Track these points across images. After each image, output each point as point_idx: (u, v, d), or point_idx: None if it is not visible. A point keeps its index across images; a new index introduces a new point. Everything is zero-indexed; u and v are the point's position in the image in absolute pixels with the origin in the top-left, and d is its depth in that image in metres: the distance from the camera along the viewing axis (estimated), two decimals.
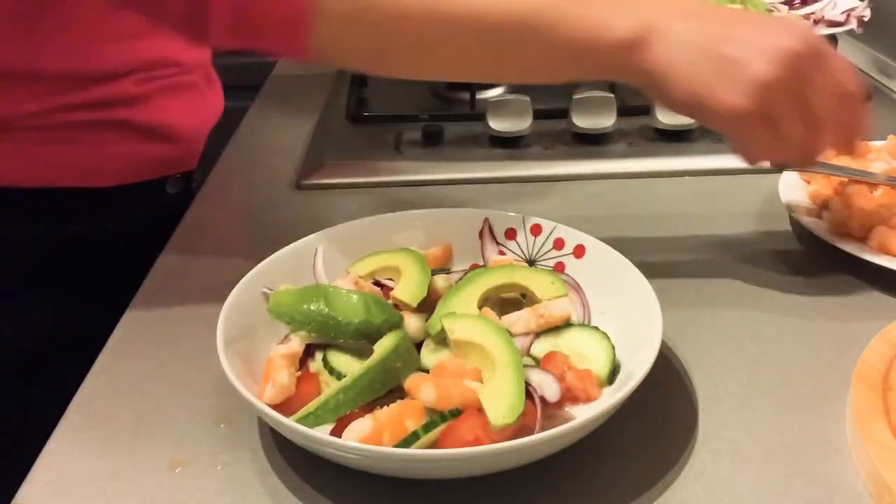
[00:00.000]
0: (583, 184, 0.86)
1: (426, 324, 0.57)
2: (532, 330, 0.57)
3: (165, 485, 0.50)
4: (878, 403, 0.52)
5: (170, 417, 0.55)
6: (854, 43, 1.21)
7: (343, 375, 0.53)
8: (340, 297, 0.56)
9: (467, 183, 0.87)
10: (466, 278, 0.60)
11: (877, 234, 0.68)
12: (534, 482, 0.50)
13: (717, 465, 0.51)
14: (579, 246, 0.64)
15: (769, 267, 0.70)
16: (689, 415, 0.55)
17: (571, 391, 0.52)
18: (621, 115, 0.93)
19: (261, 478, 0.51)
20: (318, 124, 1.01)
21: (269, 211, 0.83)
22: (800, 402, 0.55)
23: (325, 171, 0.89)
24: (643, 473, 0.50)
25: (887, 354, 0.55)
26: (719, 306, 0.65)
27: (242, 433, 0.54)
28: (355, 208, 0.81)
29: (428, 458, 0.47)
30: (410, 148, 0.94)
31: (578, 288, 0.62)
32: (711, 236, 0.75)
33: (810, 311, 0.65)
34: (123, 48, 0.78)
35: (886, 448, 0.48)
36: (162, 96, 0.83)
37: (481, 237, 0.66)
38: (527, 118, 0.92)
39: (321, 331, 0.55)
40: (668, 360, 0.59)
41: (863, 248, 0.68)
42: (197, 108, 0.90)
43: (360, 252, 0.65)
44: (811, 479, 0.49)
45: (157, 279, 0.71)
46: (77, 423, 0.55)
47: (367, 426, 0.48)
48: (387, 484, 0.49)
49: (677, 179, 0.86)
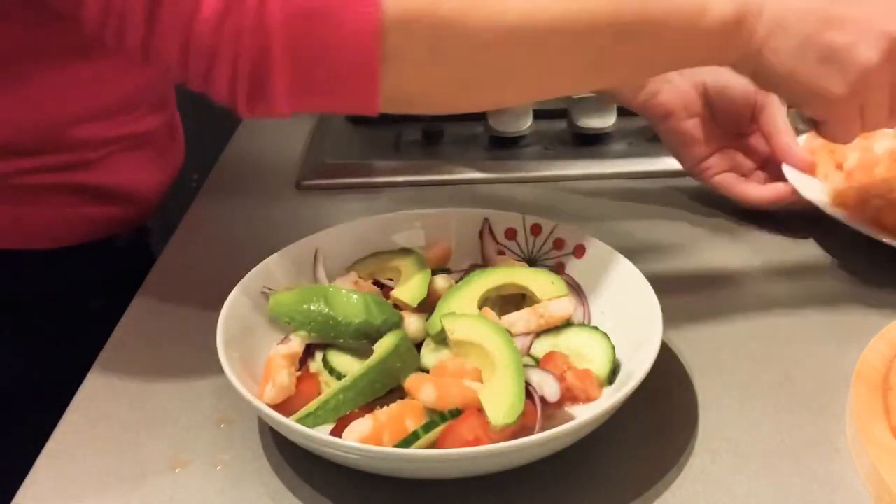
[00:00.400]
0: (583, 184, 0.86)
1: (426, 324, 0.57)
2: (532, 330, 0.57)
3: (165, 485, 0.50)
4: (878, 403, 0.52)
5: (170, 417, 0.55)
6: None
7: (343, 375, 0.53)
8: (340, 297, 0.56)
9: (467, 183, 0.87)
10: (466, 278, 0.60)
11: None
12: (534, 482, 0.49)
13: (717, 465, 0.51)
14: (579, 246, 0.64)
15: (769, 267, 0.70)
16: (689, 415, 0.55)
17: (571, 391, 0.52)
18: (621, 115, 0.93)
19: (261, 478, 0.51)
20: (318, 124, 1.01)
21: (269, 211, 0.83)
22: (800, 402, 0.55)
23: (325, 172, 0.89)
24: (643, 473, 0.50)
25: (887, 354, 0.55)
26: (719, 306, 0.65)
27: (242, 433, 0.54)
28: (355, 208, 0.81)
29: (428, 458, 0.47)
30: (410, 148, 0.94)
31: (578, 288, 0.62)
32: (711, 236, 0.75)
33: (811, 311, 0.65)
34: (89, 92, 0.69)
35: (886, 448, 0.48)
36: (122, 153, 0.74)
37: (481, 237, 0.66)
38: (527, 118, 0.92)
39: (321, 331, 0.55)
40: (668, 360, 0.59)
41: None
42: (156, 165, 0.80)
43: (360, 252, 0.65)
44: (811, 479, 0.49)
45: (158, 279, 0.71)
46: (77, 423, 0.55)
47: (367, 426, 0.48)
48: (387, 484, 0.49)
49: (677, 179, 0.86)
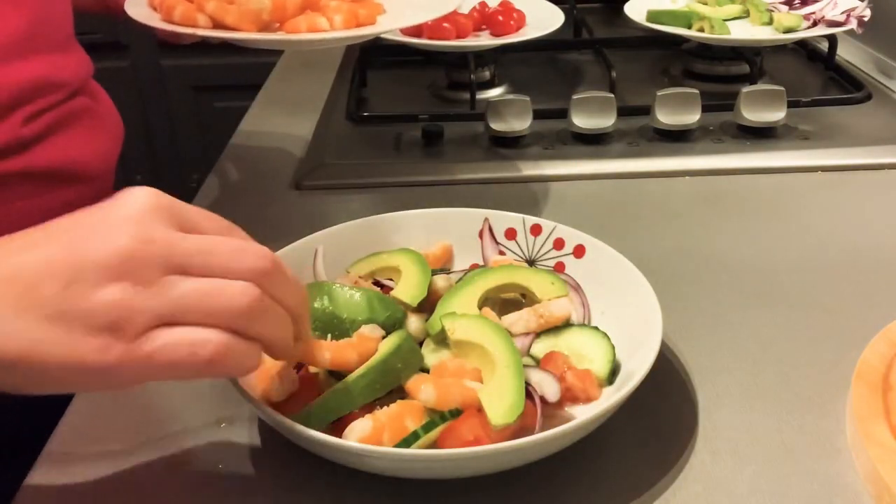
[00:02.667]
0: (583, 184, 0.86)
1: (426, 324, 0.57)
2: (532, 330, 0.57)
3: (166, 485, 0.50)
4: (878, 403, 0.52)
5: (170, 417, 0.55)
6: (854, 43, 1.21)
7: (343, 375, 0.53)
8: (343, 294, 0.56)
9: (467, 183, 0.87)
10: (466, 278, 0.60)
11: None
12: (534, 482, 0.50)
13: (717, 465, 0.51)
14: (579, 246, 0.64)
15: (769, 267, 0.70)
16: (689, 415, 0.55)
17: (571, 391, 0.52)
18: (621, 115, 0.93)
19: (261, 478, 0.51)
20: (318, 124, 1.01)
21: (269, 211, 0.83)
22: (800, 402, 0.55)
23: (325, 171, 0.89)
24: (643, 473, 0.50)
25: (887, 354, 0.55)
26: (719, 306, 0.65)
27: (242, 433, 0.54)
28: (355, 208, 0.81)
29: (428, 458, 0.47)
30: (410, 148, 0.94)
31: (578, 288, 0.62)
32: (711, 236, 0.75)
33: (810, 311, 0.65)
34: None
35: (886, 448, 0.48)
36: (59, 131, 0.72)
37: (481, 237, 0.66)
38: (527, 118, 0.92)
39: (325, 329, 0.55)
40: (668, 360, 0.59)
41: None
42: (97, 133, 0.78)
43: (360, 252, 0.65)
44: (811, 479, 0.49)
45: None
46: (77, 424, 0.55)
47: (367, 426, 0.48)
48: (387, 484, 0.49)
49: (677, 179, 0.86)
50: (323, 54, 1.26)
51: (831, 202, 0.81)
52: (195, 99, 2.08)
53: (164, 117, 2.10)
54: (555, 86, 1.13)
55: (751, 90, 0.93)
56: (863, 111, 1.01)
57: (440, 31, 1.05)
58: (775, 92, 0.92)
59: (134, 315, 0.40)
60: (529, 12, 1.12)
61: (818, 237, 0.75)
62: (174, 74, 2.05)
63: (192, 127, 2.11)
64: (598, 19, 1.35)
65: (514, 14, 1.10)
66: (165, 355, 0.40)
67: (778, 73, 1.14)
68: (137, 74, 2.06)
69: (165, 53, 2.02)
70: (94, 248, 0.40)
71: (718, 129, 0.95)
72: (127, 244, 0.40)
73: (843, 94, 1.05)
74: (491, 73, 1.11)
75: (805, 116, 0.97)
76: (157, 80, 2.07)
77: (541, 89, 1.07)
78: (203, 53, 1.92)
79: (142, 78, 2.06)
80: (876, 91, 1.05)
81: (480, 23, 1.11)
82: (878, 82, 1.09)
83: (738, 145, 0.91)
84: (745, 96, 0.92)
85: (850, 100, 1.03)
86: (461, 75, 1.08)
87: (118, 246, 0.40)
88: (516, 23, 1.09)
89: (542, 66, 1.20)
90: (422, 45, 1.06)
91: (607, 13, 1.40)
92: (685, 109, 0.92)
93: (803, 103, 1.00)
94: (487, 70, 1.10)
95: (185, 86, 2.06)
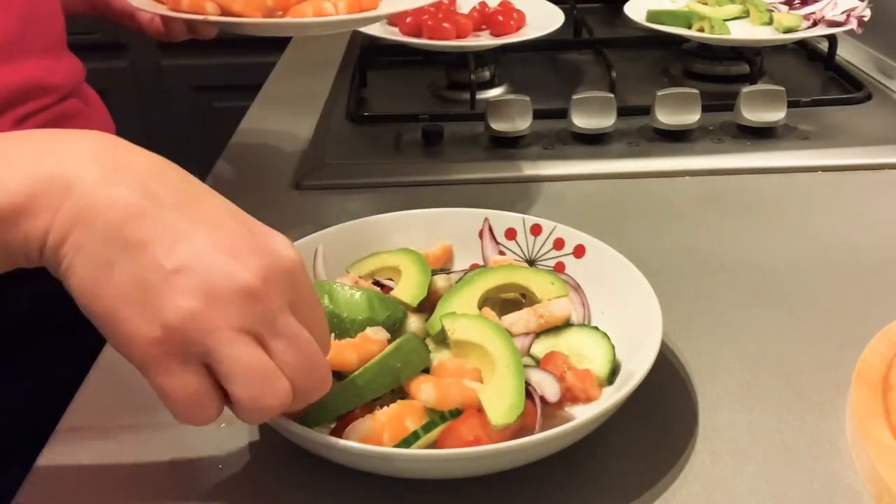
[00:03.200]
0: (583, 184, 0.86)
1: (426, 324, 0.57)
2: (532, 330, 0.57)
3: (166, 485, 0.50)
4: (878, 403, 0.52)
5: (170, 417, 0.55)
6: (854, 43, 1.21)
7: (343, 375, 0.53)
8: (344, 294, 0.56)
9: (467, 183, 0.87)
10: (466, 278, 0.60)
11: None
12: (534, 482, 0.49)
13: (717, 465, 0.51)
14: (579, 246, 0.64)
15: (769, 267, 0.70)
16: (689, 415, 0.55)
17: (571, 391, 0.52)
18: (621, 115, 0.93)
19: (261, 478, 0.51)
20: (318, 124, 1.01)
21: (269, 211, 0.83)
22: (800, 402, 0.55)
23: (325, 171, 0.89)
24: (643, 473, 0.50)
25: (887, 354, 0.55)
26: (719, 306, 0.65)
27: (242, 433, 0.54)
28: (355, 208, 0.81)
29: (428, 458, 0.47)
30: (410, 148, 0.94)
31: (578, 288, 0.62)
32: (711, 236, 0.75)
33: (810, 311, 0.65)
34: None
35: (886, 448, 0.48)
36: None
37: (481, 237, 0.66)
38: (527, 118, 0.92)
39: None
40: (668, 360, 0.59)
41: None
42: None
43: (360, 252, 0.65)
44: (811, 479, 0.49)
45: None
46: (77, 423, 0.55)
47: (367, 426, 0.48)
48: (387, 484, 0.49)
49: (677, 179, 0.86)
50: (325, 51, 1.26)
51: (831, 202, 0.81)
52: (195, 99, 2.08)
53: (163, 117, 2.10)
54: (555, 86, 1.13)
55: (751, 90, 0.93)
56: (863, 111, 1.01)
57: (440, 31, 1.05)
58: (775, 92, 0.92)
59: (191, 336, 0.39)
60: (529, 12, 1.12)
61: (818, 237, 0.75)
62: (174, 74, 2.05)
63: (191, 127, 2.11)
64: (598, 19, 1.35)
65: (514, 14, 1.10)
66: (169, 395, 0.41)
67: (778, 73, 1.14)
68: (137, 74, 2.06)
69: (165, 53, 2.02)
70: (240, 263, 0.40)
71: (718, 129, 0.95)
72: (255, 284, 0.39)
73: (843, 94, 1.05)
74: (491, 73, 1.11)
75: (805, 116, 0.97)
76: (156, 80, 2.07)
77: (541, 89, 1.07)
78: (203, 53, 1.92)
79: (141, 78, 2.06)
80: (876, 91, 1.05)
81: (480, 23, 1.11)
82: (878, 82, 1.09)
83: (738, 145, 0.91)
84: (745, 96, 0.92)
85: (850, 100, 1.03)
86: (461, 75, 1.08)
87: (247, 279, 0.39)
88: (516, 23, 1.09)
89: (542, 66, 1.20)
90: (422, 45, 1.06)
91: (607, 13, 1.40)
92: (685, 109, 0.92)
93: (803, 103, 1.00)
94: (487, 70, 1.10)
95: (185, 86, 2.06)
